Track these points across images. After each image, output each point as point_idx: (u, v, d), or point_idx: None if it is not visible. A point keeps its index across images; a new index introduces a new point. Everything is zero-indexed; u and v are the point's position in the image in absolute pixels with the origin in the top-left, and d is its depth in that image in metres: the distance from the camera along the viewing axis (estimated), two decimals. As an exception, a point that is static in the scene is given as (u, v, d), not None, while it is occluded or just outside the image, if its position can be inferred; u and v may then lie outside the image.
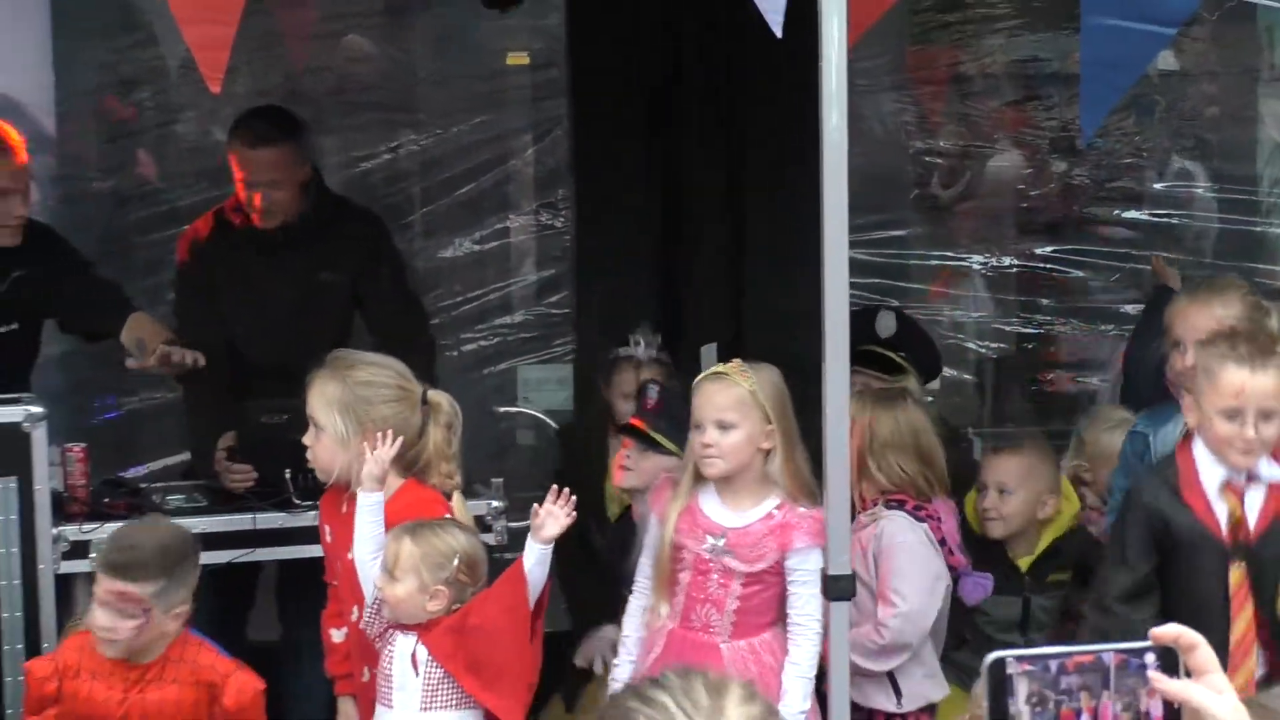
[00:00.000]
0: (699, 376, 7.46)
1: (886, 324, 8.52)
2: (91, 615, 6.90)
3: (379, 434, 6.97)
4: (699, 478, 7.30)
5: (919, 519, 7.75)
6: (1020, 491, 8.25)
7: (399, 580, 6.82)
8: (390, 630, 6.98)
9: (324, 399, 7.15)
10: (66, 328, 9.10)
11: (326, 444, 7.18)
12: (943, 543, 7.87)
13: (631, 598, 7.53)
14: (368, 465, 6.96)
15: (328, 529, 7.37)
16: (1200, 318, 7.79)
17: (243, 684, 7.15)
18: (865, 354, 8.30)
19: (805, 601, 7.16)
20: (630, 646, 7.45)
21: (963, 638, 8.10)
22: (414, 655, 6.93)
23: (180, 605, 6.99)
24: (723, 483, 7.25)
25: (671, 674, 3.08)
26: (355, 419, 7.13)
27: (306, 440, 7.26)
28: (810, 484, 7.29)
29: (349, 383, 7.21)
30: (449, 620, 6.90)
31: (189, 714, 7.06)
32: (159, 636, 6.96)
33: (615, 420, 8.46)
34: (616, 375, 8.93)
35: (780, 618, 7.24)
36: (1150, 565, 7.01)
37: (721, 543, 7.19)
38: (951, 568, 7.90)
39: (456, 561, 6.83)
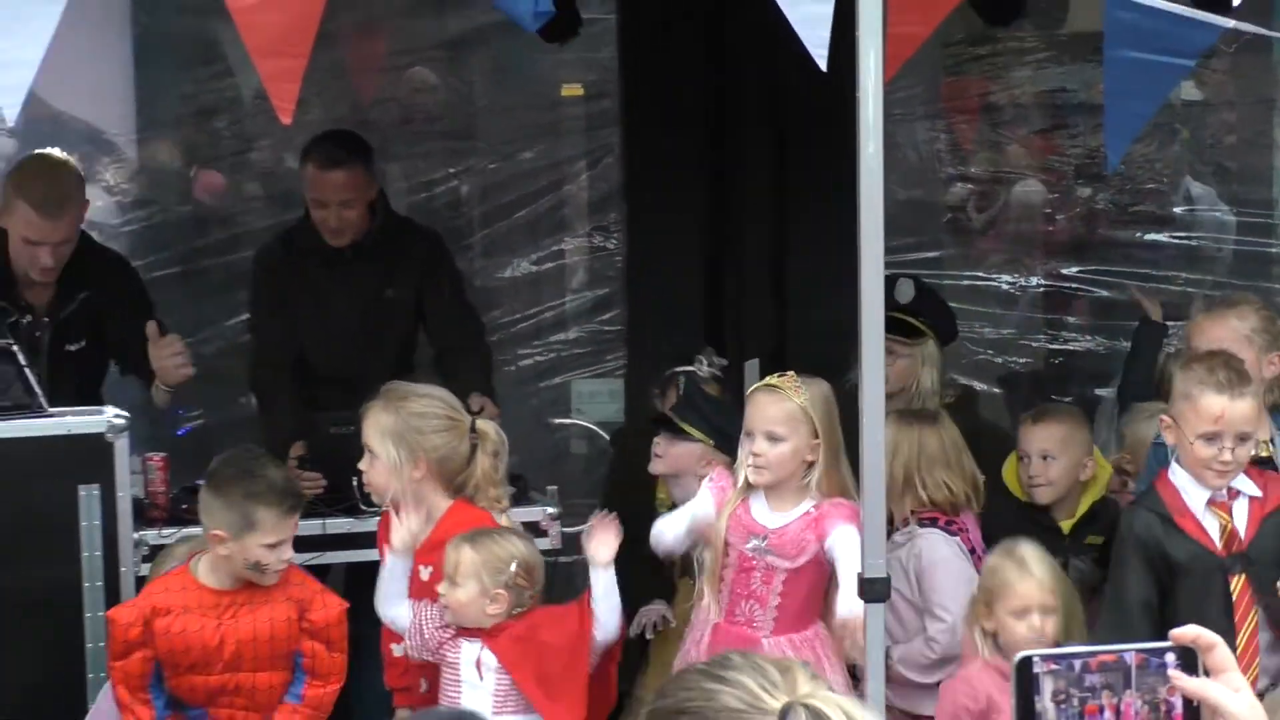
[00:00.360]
0: (753, 386, 7.48)
1: (905, 291, 8.48)
2: (265, 560, 6.99)
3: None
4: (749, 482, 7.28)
5: (951, 534, 7.76)
6: (1062, 457, 8.14)
7: (460, 585, 6.82)
8: (455, 637, 6.97)
9: (378, 428, 7.20)
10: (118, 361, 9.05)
11: (380, 470, 7.23)
12: (972, 551, 7.86)
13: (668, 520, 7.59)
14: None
15: (385, 549, 7.34)
16: (1217, 330, 7.82)
17: (329, 601, 7.31)
18: (887, 320, 8.31)
19: (847, 573, 7.03)
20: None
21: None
22: (479, 660, 6.92)
23: None
24: (768, 488, 7.25)
25: (735, 656, 3.07)
26: (408, 447, 7.18)
27: (362, 466, 7.32)
28: (851, 493, 7.24)
29: (402, 413, 7.26)
30: (516, 629, 6.91)
31: (282, 633, 7.12)
32: None
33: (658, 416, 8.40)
34: (673, 390, 8.84)
35: (819, 615, 7.27)
36: (1151, 589, 7.06)
37: (764, 543, 7.21)
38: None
39: (514, 566, 6.83)
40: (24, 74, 6.10)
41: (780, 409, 7.21)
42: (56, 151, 9.69)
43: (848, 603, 6.93)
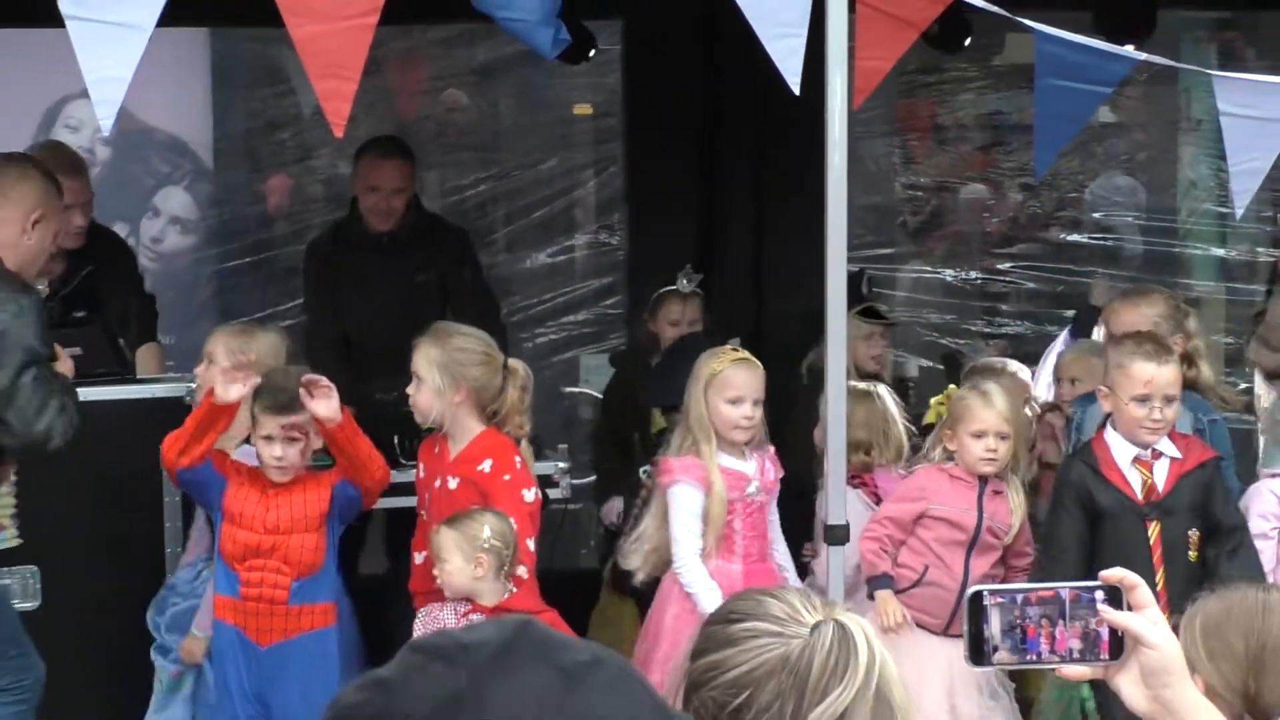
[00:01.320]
0: (728, 359, 7.41)
1: (860, 280, 8.43)
2: (263, 453, 7.09)
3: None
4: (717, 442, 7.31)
5: (854, 487, 7.56)
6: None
7: (448, 561, 6.79)
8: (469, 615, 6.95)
9: (427, 358, 7.24)
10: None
11: (426, 394, 7.24)
12: (878, 502, 7.83)
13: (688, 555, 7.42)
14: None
15: (421, 465, 7.45)
16: (1130, 315, 7.86)
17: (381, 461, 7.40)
18: (869, 310, 8.49)
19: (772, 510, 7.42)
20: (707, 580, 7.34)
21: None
22: None
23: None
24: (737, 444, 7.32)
25: (789, 585, 3.11)
26: (450, 375, 7.20)
27: (410, 390, 7.32)
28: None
29: (448, 347, 7.29)
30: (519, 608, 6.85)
31: (315, 511, 7.23)
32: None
33: (660, 346, 8.50)
34: (662, 308, 8.96)
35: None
36: (1082, 528, 7.08)
37: (755, 486, 7.26)
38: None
39: (487, 531, 6.81)
40: (116, 91, 6.07)
41: (760, 378, 7.28)
42: (59, 139, 9.75)
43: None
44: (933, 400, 7.76)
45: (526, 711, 1.51)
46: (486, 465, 7.24)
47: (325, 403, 7.05)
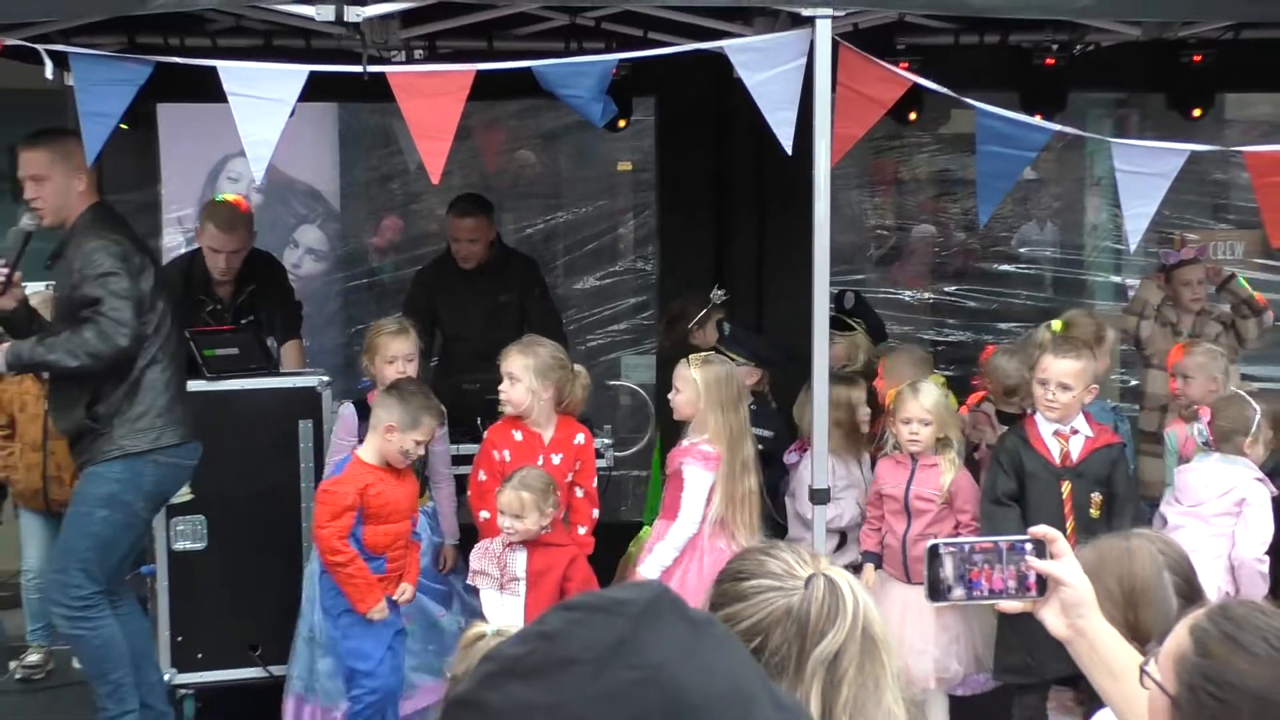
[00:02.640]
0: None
1: (848, 300, 8.43)
2: (411, 451, 6.93)
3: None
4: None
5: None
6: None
7: (526, 517, 6.71)
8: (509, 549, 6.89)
9: (523, 364, 7.20)
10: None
11: (521, 391, 7.20)
12: None
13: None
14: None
15: (508, 452, 7.26)
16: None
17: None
18: (833, 320, 8.31)
19: (688, 495, 7.18)
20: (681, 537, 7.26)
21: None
22: (528, 565, 6.83)
23: None
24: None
25: (781, 542, 3.12)
26: (541, 378, 7.19)
27: (504, 387, 7.24)
28: (725, 431, 7.29)
29: (540, 354, 7.26)
30: (556, 570, 6.88)
31: (413, 495, 7.23)
32: None
33: (701, 348, 8.22)
34: (710, 321, 8.76)
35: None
36: (1012, 485, 7.00)
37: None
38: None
39: (534, 480, 6.80)
40: (266, 150, 6.09)
41: (685, 372, 7.24)
42: (230, 195, 9.66)
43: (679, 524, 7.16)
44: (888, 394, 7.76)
45: (673, 652, 1.46)
46: (580, 439, 7.38)
47: None
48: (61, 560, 6.90)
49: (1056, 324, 8.19)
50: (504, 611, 6.72)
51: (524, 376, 7.26)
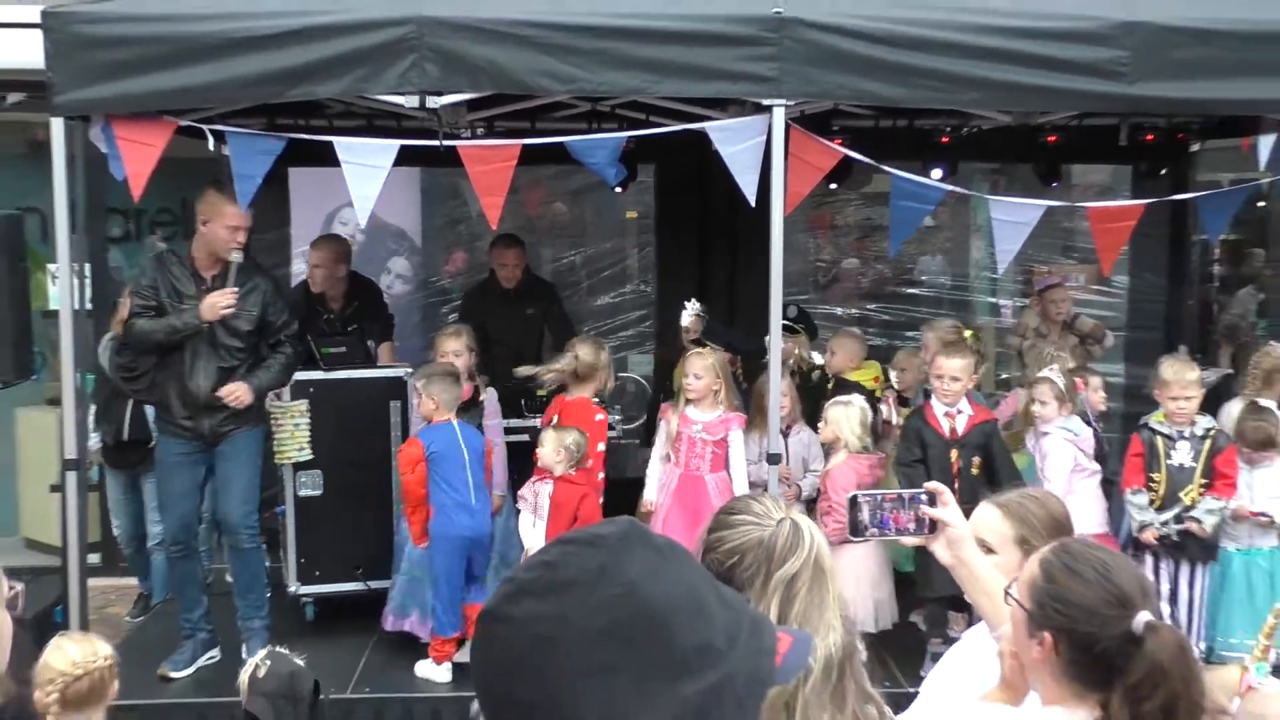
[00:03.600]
0: (690, 353, 7.45)
1: (791, 312, 8.26)
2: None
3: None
4: (686, 401, 7.20)
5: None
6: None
7: (559, 458, 6.75)
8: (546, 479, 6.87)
9: (583, 349, 7.30)
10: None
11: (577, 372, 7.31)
12: None
13: (651, 460, 7.45)
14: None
15: (558, 416, 7.25)
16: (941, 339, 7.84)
17: None
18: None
19: (736, 453, 7.14)
20: (655, 476, 7.34)
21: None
22: (552, 495, 6.80)
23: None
24: (697, 402, 7.16)
25: (762, 492, 3.10)
26: (589, 362, 7.26)
27: (565, 366, 7.31)
28: (737, 405, 7.33)
29: (589, 348, 7.38)
30: (571, 503, 6.82)
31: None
32: None
33: (685, 347, 8.12)
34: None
35: (725, 467, 7.16)
36: (918, 452, 6.98)
37: (700, 428, 7.11)
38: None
39: (572, 441, 6.78)
40: (368, 203, 6.12)
41: (707, 364, 7.16)
42: (335, 232, 9.79)
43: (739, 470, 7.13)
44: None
45: (643, 571, 1.44)
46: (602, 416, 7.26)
47: None
48: (248, 496, 6.88)
49: (935, 329, 8.29)
50: (533, 533, 6.76)
51: (584, 357, 7.36)
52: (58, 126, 6.05)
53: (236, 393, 6.60)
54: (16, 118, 9.94)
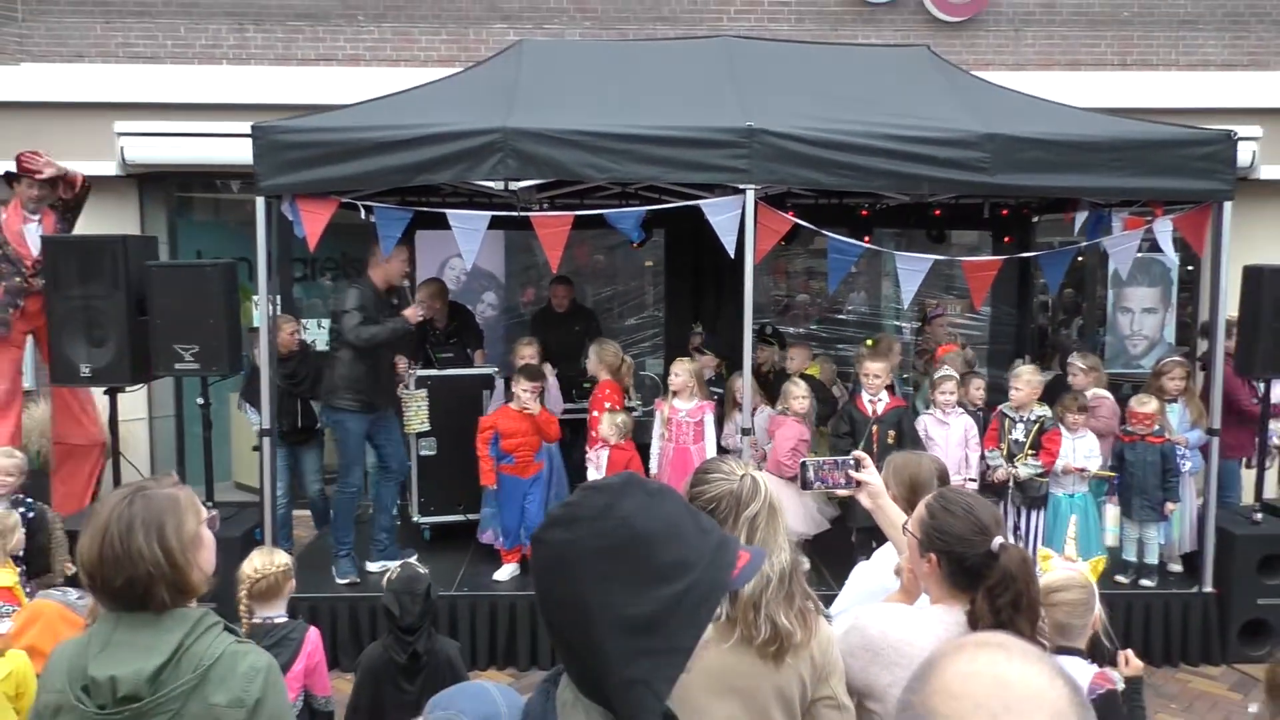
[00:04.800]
0: (679, 359, 7.21)
1: (768, 329, 8.45)
2: (525, 403, 6.72)
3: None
4: (672, 394, 7.05)
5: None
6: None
7: (612, 432, 6.70)
8: (602, 447, 6.82)
9: (603, 351, 7.19)
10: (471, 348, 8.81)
11: (593, 365, 7.25)
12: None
13: (653, 440, 7.23)
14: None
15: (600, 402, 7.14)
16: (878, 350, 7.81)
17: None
18: (760, 338, 8.19)
19: (708, 430, 6.96)
20: (655, 451, 7.14)
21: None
22: (609, 458, 6.73)
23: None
24: (679, 394, 7.01)
25: (730, 455, 3.07)
26: (605, 363, 7.18)
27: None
28: (708, 394, 7.17)
29: (607, 347, 7.29)
30: (621, 463, 6.71)
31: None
32: None
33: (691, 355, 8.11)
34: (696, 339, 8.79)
35: (703, 440, 6.97)
36: (847, 428, 6.91)
37: (684, 414, 6.96)
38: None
39: (621, 420, 6.71)
40: (471, 255, 6.11)
41: (682, 366, 7.04)
42: (441, 276, 9.69)
43: (710, 441, 6.96)
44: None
45: (636, 508, 1.45)
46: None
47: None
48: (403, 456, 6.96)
49: (869, 341, 8.22)
50: None
51: (596, 356, 7.18)
52: (260, 203, 6.10)
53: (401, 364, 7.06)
54: (236, 197, 10.10)
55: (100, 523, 2.17)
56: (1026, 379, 6.90)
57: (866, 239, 8.39)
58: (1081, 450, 6.86)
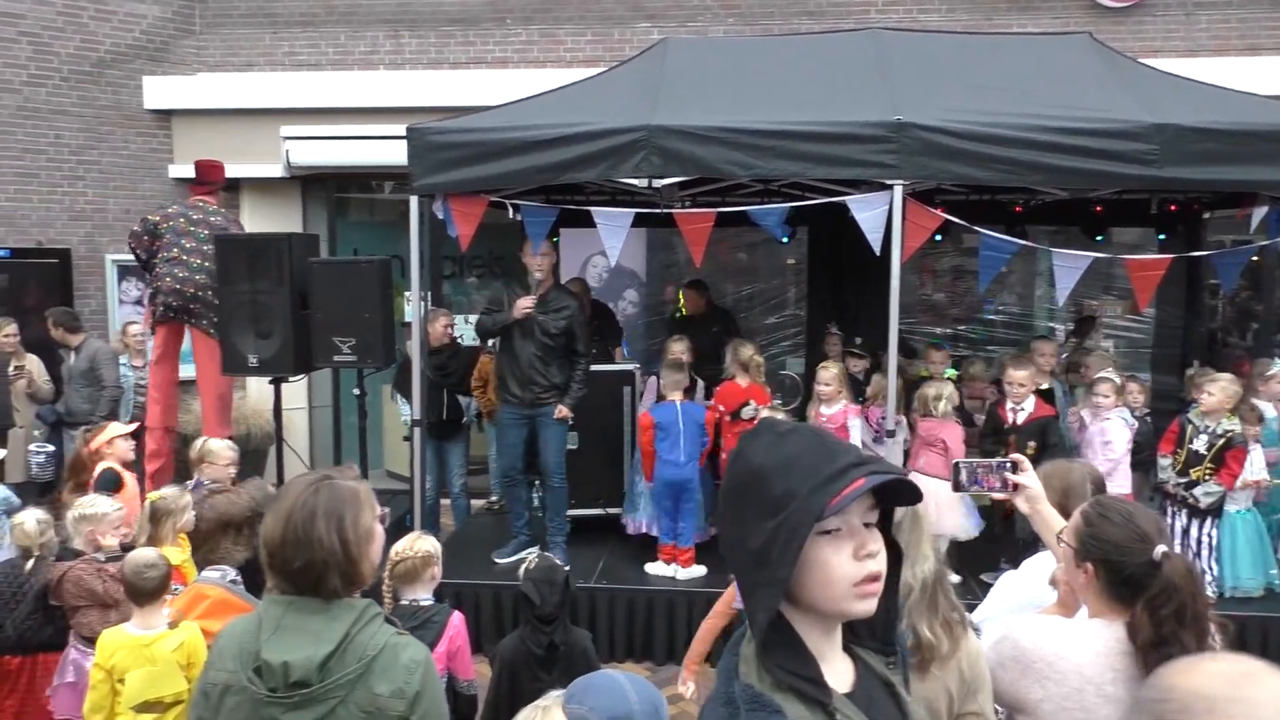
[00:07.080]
0: (824, 365, 7.03)
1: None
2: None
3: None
4: (820, 400, 6.88)
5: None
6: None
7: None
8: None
9: (739, 351, 7.02)
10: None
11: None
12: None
13: None
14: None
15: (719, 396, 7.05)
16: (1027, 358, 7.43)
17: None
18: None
19: (854, 435, 6.75)
20: None
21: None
22: None
23: None
24: (827, 400, 6.87)
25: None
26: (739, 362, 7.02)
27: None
28: (854, 397, 7.04)
29: (747, 350, 7.08)
30: None
31: None
32: None
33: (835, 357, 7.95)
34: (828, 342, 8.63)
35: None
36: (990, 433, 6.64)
37: (828, 418, 6.81)
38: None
39: (749, 412, 6.62)
40: (615, 251, 6.16)
41: (828, 373, 6.91)
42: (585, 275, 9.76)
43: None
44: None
45: (760, 446, 1.56)
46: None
47: None
48: (558, 450, 6.90)
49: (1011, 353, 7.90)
50: None
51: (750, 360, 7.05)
52: (414, 202, 6.30)
53: (564, 413, 6.73)
54: (391, 197, 10.51)
55: (285, 507, 2.25)
56: (1222, 385, 6.41)
57: (1023, 235, 8.09)
58: (1257, 464, 6.45)
